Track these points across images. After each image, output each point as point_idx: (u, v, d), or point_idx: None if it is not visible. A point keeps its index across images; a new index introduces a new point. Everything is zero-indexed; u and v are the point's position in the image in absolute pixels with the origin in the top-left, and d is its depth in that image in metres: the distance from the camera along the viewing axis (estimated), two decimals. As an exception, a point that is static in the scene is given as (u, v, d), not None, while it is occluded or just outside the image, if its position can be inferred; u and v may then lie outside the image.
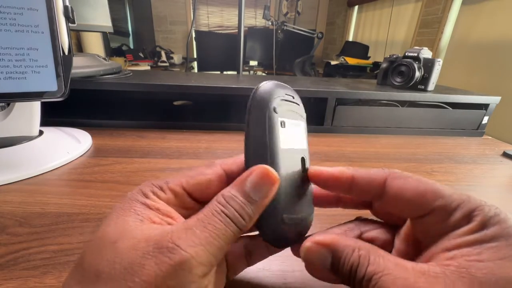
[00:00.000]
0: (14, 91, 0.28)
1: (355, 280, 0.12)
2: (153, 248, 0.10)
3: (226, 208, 0.12)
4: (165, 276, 0.10)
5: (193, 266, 0.10)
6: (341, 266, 0.12)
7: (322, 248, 0.13)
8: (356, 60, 1.82)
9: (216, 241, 0.11)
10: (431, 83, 0.54)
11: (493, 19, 1.27)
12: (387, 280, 0.11)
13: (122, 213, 0.12)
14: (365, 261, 0.11)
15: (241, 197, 0.12)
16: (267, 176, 0.12)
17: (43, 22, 0.28)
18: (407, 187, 0.13)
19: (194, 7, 2.59)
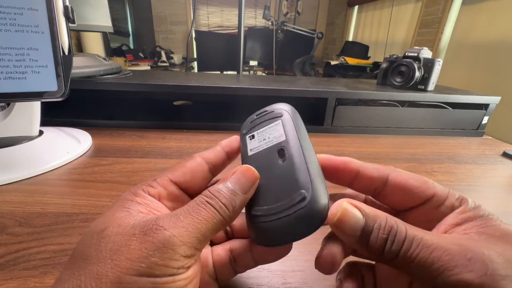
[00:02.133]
0: (14, 91, 0.28)
1: (393, 245, 0.11)
2: (139, 231, 0.11)
3: (212, 199, 0.13)
4: (149, 253, 0.10)
5: (176, 244, 0.11)
6: (376, 231, 0.11)
7: (357, 210, 0.12)
8: (356, 60, 1.82)
9: (200, 226, 0.12)
10: (431, 83, 0.54)
11: (493, 19, 1.27)
12: (430, 241, 0.11)
13: (112, 210, 0.13)
14: (403, 227, 0.11)
15: (226, 190, 0.13)
16: (247, 172, 0.14)
17: (43, 22, 0.28)
18: (407, 180, 0.14)
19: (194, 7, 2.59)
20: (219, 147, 0.17)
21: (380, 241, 0.11)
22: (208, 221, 0.12)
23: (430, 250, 0.10)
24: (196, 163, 0.16)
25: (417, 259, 0.11)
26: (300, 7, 2.81)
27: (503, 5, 1.22)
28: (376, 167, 0.15)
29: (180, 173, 0.15)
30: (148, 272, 0.10)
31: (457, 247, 0.10)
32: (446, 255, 0.10)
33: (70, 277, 0.11)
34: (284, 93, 0.47)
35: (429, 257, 0.10)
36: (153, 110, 0.56)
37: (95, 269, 0.10)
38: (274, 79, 0.60)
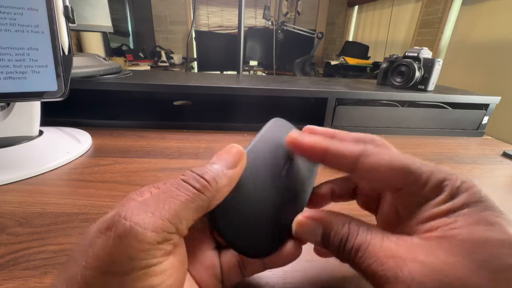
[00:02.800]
0: (14, 91, 0.28)
1: (344, 251, 0.12)
2: (105, 226, 0.10)
3: (186, 175, 0.12)
4: (110, 250, 0.10)
5: (139, 233, 0.10)
6: (331, 239, 0.13)
7: (313, 222, 0.14)
8: (356, 60, 1.82)
9: (170, 207, 0.11)
10: (431, 83, 0.54)
11: (493, 19, 1.27)
12: (373, 249, 0.11)
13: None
14: (354, 233, 0.12)
15: (207, 167, 0.12)
16: (230, 148, 0.13)
17: (43, 22, 0.28)
18: (379, 164, 0.13)
19: (194, 7, 2.59)
20: None
21: (333, 247, 0.13)
22: (183, 201, 0.11)
23: (371, 262, 0.11)
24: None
25: (362, 268, 0.11)
26: (300, 7, 2.81)
27: (503, 5, 1.22)
28: (343, 147, 0.13)
29: None
30: (114, 270, 0.10)
31: (392, 262, 0.11)
32: (381, 270, 0.11)
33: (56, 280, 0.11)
34: (284, 93, 0.47)
35: (370, 268, 0.11)
36: (153, 110, 0.56)
37: (69, 271, 0.10)
38: (274, 79, 0.60)
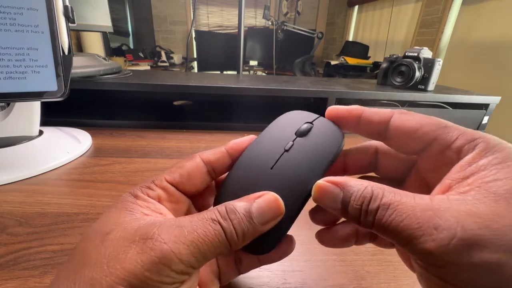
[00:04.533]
0: (14, 91, 0.28)
1: (367, 213, 0.11)
2: (139, 238, 0.11)
3: (225, 219, 0.12)
4: (144, 266, 0.10)
5: (172, 261, 0.10)
6: (352, 203, 0.12)
7: (333, 186, 0.12)
8: (356, 60, 1.82)
9: (202, 246, 0.11)
10: (431, 83, 0.54)
11: (493, 19, 1.27)
12: (405, 207, 0.10)
13: (115, 211, 0.13)
14: (379, 194, 0.11)
15: (243, 215, 0.12)
16: (274, 203, 0.13)
17: (43, 22, 0.28)
18: (409, 121, 0.13)
19: (194, 7, 2.59)
20: (224, 148, 0.16)
21: (354, 212, 0.12)
22: (212, 243, 0.11)
23: (402, 218, 0.10)
24: (195, 164, 0.15)
25: (389, 227, 0.10)
26: (300, 7, 2.81)
27: (503, 5, 1.22)
28: (377, 111, 0.14)
29: (177, 175, 0.15)
30: (140, 286, 0.10)
31: (429, 214, 0.10)
32: (416, 224, 0.10)
33: (65, 280, 0.10)
34: (284, 93, 0.47)
35: (400, 226, 0.10)
36: (153, 110, 0.56)
37: (90, 274, 0.10)
38: (274, 79, 0.60)
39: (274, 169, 0.15)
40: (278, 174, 0.15)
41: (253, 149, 0.16)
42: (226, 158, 0.16)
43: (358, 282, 0.20)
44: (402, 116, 0.14)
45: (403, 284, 0.20)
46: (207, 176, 0.15)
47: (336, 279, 0.20)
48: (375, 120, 0.14)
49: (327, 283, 0.20)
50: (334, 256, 0.23)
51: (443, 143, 0.12)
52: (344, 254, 0.23)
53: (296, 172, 0.14)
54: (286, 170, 0.14)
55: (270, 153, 0.15)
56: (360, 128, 0.15)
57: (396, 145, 0.14)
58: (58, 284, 0.10)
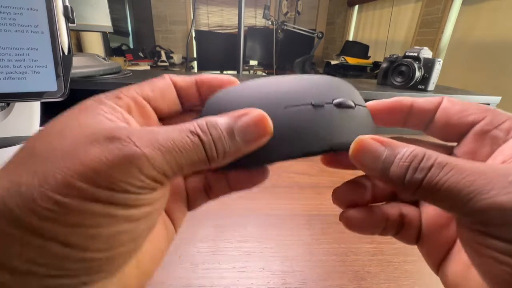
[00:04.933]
0: (14, 91, 0.28)
1: (415, 172, 0.10)
2: (104, 137, 0.09)
3: (204, 133, 0.11)
4: (109, 165, 0.09)
5: (143, 165, 0.09)
6: (397, 161, 0.10)
7: (377, 143, 0.11)
8: (356, 60, 1.82)
9: (178, 156, 0.10)
10: (431, 83, 0.54)
11: (493, 19, 1.27)
12: (465, 168, 0.09)
13: (72, 112, 0.11)
14: (433, 155, 0.10)
15: (225, 131, 0.11)
16: (261, 122, 0.11)
17: (43, 22, 0.28)
18: (455, 104, 0.13)
19: (194, 7, 2.59)
20: (195, 78, 0.14)
21: (399, 169, 0.10)
22: (189, 155, 0.10)
23: (463, 175, 0.09)
24: (166, 82, 0.13)
25: (445, 185, 0.09)
26: (300, 7, 2.81)
27: (503, 5, 1.22)
28: (427, 99, 0.14)
29: (148, 88, 0.13)
30: (105, 185, 0.09)
31: (500, 172, 0.09)
32: (483, 179, 0.09)
33: (10, 172, 0.09)
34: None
35: (461, 182, 0.09)
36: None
37: (41, 168, 0.09)
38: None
39: (288, 110, 0.12)
40: (294, 115, 0.12)
41: (256, 83, 0.14)
42: (193, 89, 0.14)
43: (358, 283, 0.20)
44: (450, 100, 0.13)
45: (403, 284, 0.20)
46: (178, 100, 0.14)
47: (336, 279, 0.20)
48: (428, 108, 0.14)
49: (327, 283, 0.20)
50: (334, 257, 0.23)
51: (492, 123, 0.12)
52: (344, 255, 0.23)
53: (320, 123, 0.12)
54: (306, 115, 0.12)
55: (286, 95, 0.13)
56: (411, 118, 0.14)
57: (441, 131, 0.14)
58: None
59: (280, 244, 0.24)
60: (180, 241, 0.25)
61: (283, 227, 0.27)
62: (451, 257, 0.13)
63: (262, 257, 0.23)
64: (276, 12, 2.74)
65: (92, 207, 0.09)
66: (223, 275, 0.21)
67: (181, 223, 0.15)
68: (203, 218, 0.28)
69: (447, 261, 0.13)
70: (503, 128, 0.11)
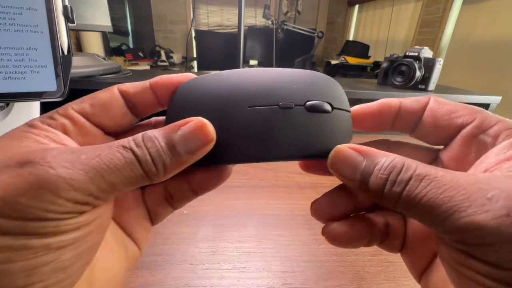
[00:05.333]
0: (13, 91, 0.28)
1: (394, 185, 0.10)
2: (16, 162, 0.09)
3: (139, 146, 0.10)
4: (18, 192, 0.08)
5: (60, 187, 0.08)
6: (376, 172, 0.10)
7: (355, 153, 0.11)
8: (356, 60, 1.82)
9: (107, 174, 0.09)
10: (431, 83, 0.54)
11: (494, 19, 1.27)
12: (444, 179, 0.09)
13: (1, 140, 0.10)
14: (412, 165, 0.10)
15: (163, 142, 0.10)
16: (201, 130, 0.11)
17: (43, 22, 0.28)
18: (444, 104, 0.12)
19: (194, 6, 2.58)
20: (148, 82, 0.13)
21: (378, 181, 0.10)
22: (121, 172, 0.09)
23: (441, 190, 0.09)
24: (110, 94, 0.12)
25: (423, 200, 0.09)
26: (300, 6, 2.80)
27: (503, 4, 1.22)
28: (414, 99, 0.13)
29: (87, 104, 0.12)
30: (15, 214, 0.08)
31: (478, 186, 0.08)
32: (461, 195, 0.08)
33: None
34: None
35: (438, 198, 0.09)
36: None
37: None
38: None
39: (252, 110, 0.12)
40: (257, 117, 0.12)
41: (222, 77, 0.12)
42: (149, 95, 0.13)
43: (359, 283, 0.20)
44: (438, 100, 0.13)
45: (403, 285, 0.20)
46: (128, 111, 0.13)
47: (336, 280, 0.20)
48: (415, 108, 0.13)
49: (327, 283, 0.20)
50: (334, 257, 0.23)
51: (481, 126, 0.11)
52: (345, 255, 0.23)
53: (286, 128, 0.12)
54: (270, 118, 0.11)
55: (253, 92, 0.12)
56: (398, 120, 0.13)
57: (428, 133, 0.13)
58: None
59: (280, 244, 0.24)
60: (180, 241, 0.25)
61: (283, 227, 0.27)
62: (434, 267, 0.12)
63: (262, 257, 0.23)
64: (276, 12, 2.74)
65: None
66: (223, 275, 0.21)
67: (147, 240, 0.14)
68: (203, 218, 0.28)
69: (430, 271, 0.13)
70: (491, 132, 0.11)
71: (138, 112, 0.13)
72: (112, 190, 0.09)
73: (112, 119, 0.12)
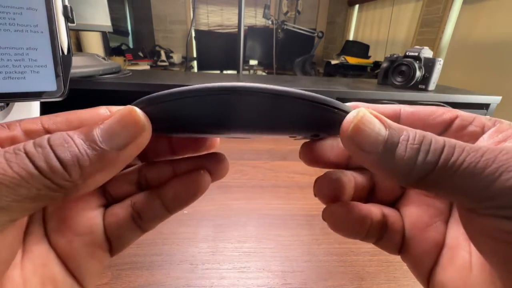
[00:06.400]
0: (13, 91, 0.28)
1: (428, 153, 0.08)
2: None
3: (40, 146, 0.08)
4: None
5: None
6: (403, 142, 0.09)
7: (378, 121, 0.09)
8: (356, 60, 1.82)
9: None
10: (431, 83, 0.54)
11: (494, 19, 1.27)
12: (476, 146, 0.08)
13: None
14: (438, 137, 0.09)
15: (79, 138, 0.08)
16: (128, 116, 0.09)
17: (43, 21, 0.28)
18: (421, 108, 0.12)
19: (194, 6, 2.58)
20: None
21: (410, 152, 0.09)
22: (18, 185, 0.07)
23: (480, 153, 0.08)
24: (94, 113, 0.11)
25: (463, 166, 0.08)
26: (300, 6, 2.80)
27: (503, 4, 1.22)
28: (387, 105, 0.13)
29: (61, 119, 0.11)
30: None
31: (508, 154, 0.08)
32: (504, 154, 0.08)
33: None
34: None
35: (480, 161, 0.08)
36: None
37: None
38: (274, 79, 0.59)
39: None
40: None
41: None
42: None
43: (359, 283, 0.20)
44: (413, 106, 0.12)
45: (403, 285, 0.20)
46: None
47: (336, 280, 0.20)
48: (388, 114, 0.12)
49: (327, 283, 0.20)
50: (334, 257, 0.23)
51: (466, 120, 0.11)
52: (345, 255, 0.23)
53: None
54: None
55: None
56: None
57: None
58: None
59: (280, 244, 0.24)
60: (180, 241, 0.25)
61: (283, 227, 0.27)
62: (443, 262, 0.11)
63: (262, 257, 0.23)
64: (276, 12, 2.74)
65: None
66: (223, 275, 0.21)
67: (98, 278, 0.11)
68: (203, 218, 0.28)
69: (439, 267, 0.11)
70: (477, 123, 0.11)
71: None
72: (8, 209, 0.07)
73: None
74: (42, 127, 0.10)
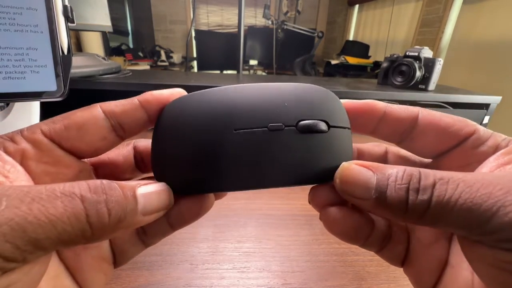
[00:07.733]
0: (13, 91, 0.28)
1: (418, 192, 0.09)
2: None
3: (95, 193, 0.08)
4: None
5: None
6: (391, 184, 0.09)
7: (364, 169, 0.10)
8: (356, 60, 1.82)
9: (30, 227, 0.07)
10: (432, 83, 0.54)
11: (494, 19, 1.27)
12: (472, 179, 0.08)
13: None
14: (429, 172, 0.09)
15: (131, 192, 0.09)
16: (162, 193, 0.10)
17: (43, 21, 0.28)
18: (443, 116, 0.12)
19: (194, 6, 2.58)
20: (137, 98, 0.11)
21: (399, 193, 0.09)
22: (55, 226, 0.07)
23: (475, 189, 0.08)
24: (90, 114, 0.11)
25: (458, 202, 0.08)
26: (300, 6, 2.80)
27: (503, 4, 1.22)
28: (403, 107, 0.12)
29: (60, 125, 0.10)
30: None
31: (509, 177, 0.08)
32: (499, 190, 0.08)
33: None
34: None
35: (476, 196, 0.08)
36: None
37: None
38: (274, 79, 0.59)
39: (239, 133, 0.10)
40: (244, 141, 0.10)
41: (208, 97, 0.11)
42: (139, 112, 0.11)
43: (359, 283, 0.20)
44: (431, 112, 0.12)
45: (403, 285, 0.20)
46: (111, 134, 0.11)
47: (336, 280, 0.20)
48: (403, 116, 0.12)
49: (327, 283, 0.20)
50: (334, 257, 0.23)
51: (481, 138, 0.11)
52: (345, 255, 0.23)
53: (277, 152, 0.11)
54: (258, 142, 0.10)
55: (238, 113, 0.11)
56: (383, 126, 0.12)
57: (422, 145, 0.12)
58: None
59: (280, 244, 0.24)
60: (180, 241, 0.25)
61: (283, 227, 0.27)
62: (445, 281, 0.11)
63: (262, 257, 0.23)
64: (276, 12, 2.74)
65: None
66: (223, 275, 0.21)
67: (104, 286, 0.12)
68: (203, 218, 0.28)
69: (441, 286, 0.11)
70: (490, 143, 0.11)
71: (124, 133, 0.12)
72: (36, 248, 0.07)
73: (88, 144, 0.11)
74: (45, 137, 0.10)
